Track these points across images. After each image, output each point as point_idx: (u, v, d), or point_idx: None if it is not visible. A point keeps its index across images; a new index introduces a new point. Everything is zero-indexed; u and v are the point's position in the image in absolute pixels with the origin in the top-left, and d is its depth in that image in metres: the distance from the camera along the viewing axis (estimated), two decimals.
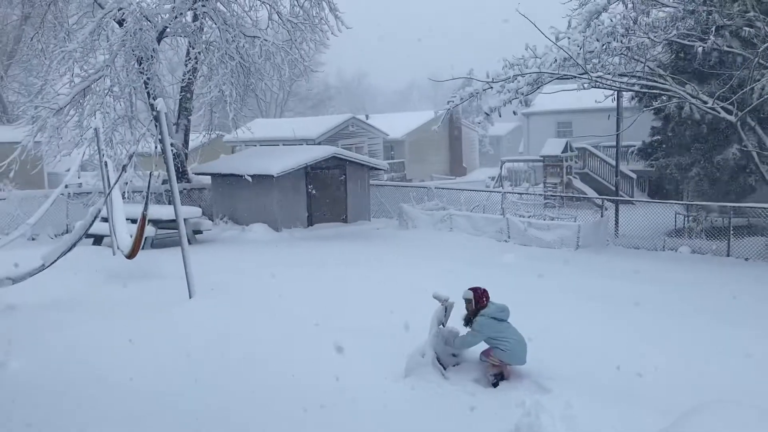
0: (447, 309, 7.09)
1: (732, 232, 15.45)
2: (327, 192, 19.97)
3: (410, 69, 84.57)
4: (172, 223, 15.04)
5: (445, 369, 6.86)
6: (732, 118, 14.94)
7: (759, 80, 15.00)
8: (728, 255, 15.20)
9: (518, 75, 14.49)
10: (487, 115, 15.51)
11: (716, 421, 3.98)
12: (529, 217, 18.14)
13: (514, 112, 15.32)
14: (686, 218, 18.40)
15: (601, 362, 7.23)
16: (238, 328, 8.40)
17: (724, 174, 17.47)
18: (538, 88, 15.09)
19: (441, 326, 7.07)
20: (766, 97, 14.61)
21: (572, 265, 13.77)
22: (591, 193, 24.21)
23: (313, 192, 19.56)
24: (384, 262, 13.35)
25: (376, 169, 21.56)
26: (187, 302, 9.41)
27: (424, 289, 7.56)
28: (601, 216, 17.79)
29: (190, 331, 8.21)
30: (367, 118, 36.29)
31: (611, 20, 14.03)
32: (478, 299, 6.80)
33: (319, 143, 29.24)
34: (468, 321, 6.88)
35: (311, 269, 12.52)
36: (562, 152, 24.86)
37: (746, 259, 14.85)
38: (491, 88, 15.54)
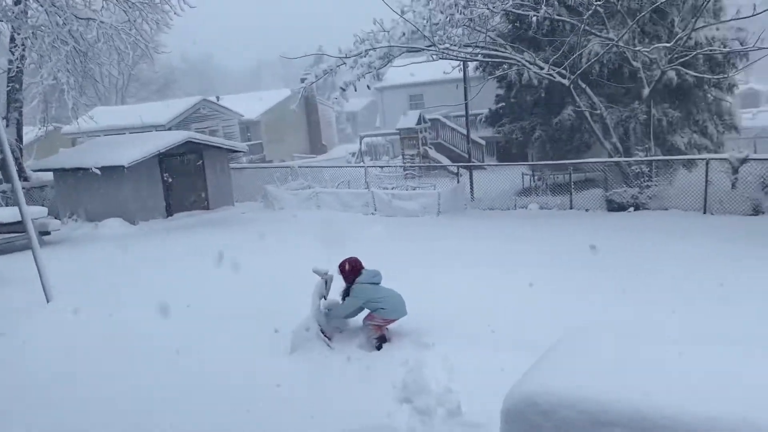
0: (327, 282, 7.20)
1: (573, 186, 17.04)
2: (185, 179, 19.16)
3: (258, 48, 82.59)
4: (14, 226, 13.78)
5: (330, 340, 6.99)
6: (566, 81, 16.37)
7: (586, 45, 16.57)
8: (571, 208, 16.76)
9: (369, 49, 14.75)
10: (343, 90, 15.67)
11: (582, 344, 4.42)
12: (392, 188, 18.68)
13: (369, 87, 15.63)
14: (533, 178, 19.97)
15: (472, 313, 7.75)
16: (103, 325, 7.94)
17: (563, 134, 19.13)
18: (390, 61, 15.49)
19: (323, 299, 7.19)
20: (593, 60, 16.19)
21: (435, 229, 14.49)
22: (446, 161, 25.41)
23: (170, 180, 18.68)
24: (255, 245, 13.15)
25: (235, 151, 21.00)
26: (44, 306, 8.76)
27: (302, 267, 7.60)
28: (458, 182, 18.78)
29: (51, 335, 7.64)
30: (218, 100, 35.06)
31: None
32: (351, 271, 7.00)
33: (170, 129, 27.85)
34: (346, 292, 7.08)
35: (176, 259, 12.04)
36: (417, 124, 25.77)
37: (587, 210, 16.47)
38: (344, 63, 15.71)
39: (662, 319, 7.31)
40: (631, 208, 15.63)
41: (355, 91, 15.78)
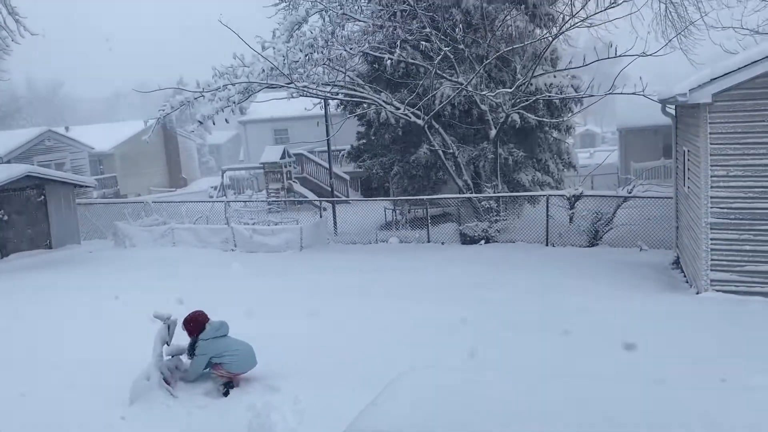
0: (170, 327, 6.90)
1: (430, 221, 17.78)
2: (24, 216, 17.59)
3: (114, 77, 78.52)
4: None
5: (173, 388, 6.67)
6: (420, 122, 17.19)
7: (438, 88, 17.56)
8: (429, 241, 17.45)
9: (228, 84, 14.59)
10: (200, 123, 15.30)
11: (420, 383, 4.56)
12: (253, 224, 18.40)
13: (227, 121, 15.39)
14: (394, 212, 20.61)
15: (326, 351, 7.77)
16: None
17: (420, 171, 19.97)
18: (249, 96, 15.41)
19: (166, 345, 6.86)
20: (445, 102, 17.16)
21: (297, 265, 14.43)
22: (311, 195, 25.51)
23: (5, 218, 17.06)
24: (97, 286, 12.29)
25: (83, 186, 19.65)
26: None
27: (145, 310, 7.22)
28: (321, 217, 18.90)
29: None
30: (67, 131, 32.72)
31: (311, 32, 15.02)
32: (194, 326, 6.80)
33: (8, 161, 25.48)
34: (191, 347, 6.86)
35: (15, 305, 10.93)
36: (281, 158, 25.71)
37: (443, 243, 17.22)
38: (203, 96, 15.39)
39: (497, 355, 7.75)
40: (483, 241, 16.57)
41: (214, 125, 15.45)
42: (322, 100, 18.63)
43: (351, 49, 15.43)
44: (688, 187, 11.12)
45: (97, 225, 19.97)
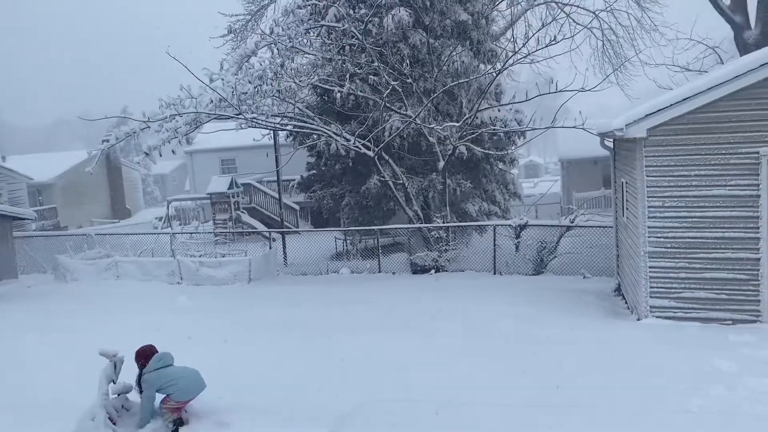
0: (116, 365, 6.70)
1: (381, 251, 17.87)
2: None
3: (56, 105, 76.31)
4: None
5: (118, 427, 6.44)
6: (370, 153, 17.39)
7: (388, 120, 17.84)
8: (380, 271, 17.50)
9: (175, 114, 14.45)
10: (147, 154, 15.04)
11: (373, 417, 4.57)
12: (200, 256, 18.07)
13: (173, 152, 15.20)
14: (344, 242, 20.61)
15: (274, 385, 7.66)
16: None
17: (370, 201, 20.12)
18: (197, 127, 15.29)
19: (112, 383, 6.65)
20: (394, 134, 17.43)
21: (244, 298, 14.23)
22: (260, 226, 25.27)
23: None
24: (36, 323, 11.78)
25: (20, 218, 18.92)
26: None
27: (89, 347, 6.99)
28: (270, 248, 18.74)
29: None
30: (4, 161, 31.54)
31: (260, 64, 15.09)
32: (143, 360, 6.69)
33: None
34: (138, 380, 6.72)
35: None
36: (228, 188, 25.44)
37: (393, 273, 17.31)
38: (149, 127, 15.17)
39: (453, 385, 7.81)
40: (433, 271, 16.74)
41: (160, 156, 15.20)
42: (271, 131, 18.65)
43: (300, 81, 15.57)
44: (627, 217, 11.60)
45: (36, 258, 19.20)
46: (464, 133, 17.32)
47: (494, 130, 18.43)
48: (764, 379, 7.18)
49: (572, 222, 16.03)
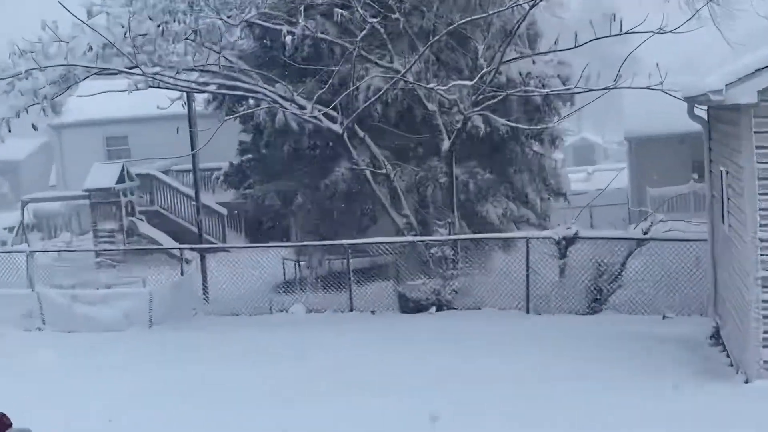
0: None
1: (353, 278, 17.80)
2: None
3: None
4: None
5: None
6: (337, 127, 17.35)
7: (363, 78, 17.81)
8: (351, 309, 17.44)
9: (35, 69, 14.32)
10: None
11: None
12: (73, 286, 17.93)
13: (34, 126, 15.11)
14: (297, 265, 20.51)
15: None
16: None
17: (337, 202, 20.08)
18: (69, 87, 15.17)
19: None
20: (373, 99, 17.41)
21: (142, 354, 14.14)
22: (166, 240, 25.09)
23: None
24: None
25: None
26: None
27: None
28: (183, 274, 18.61)
29: None
30: None
31: None
32: None
33: None
34: None
35: None
36: (118, 183, 25.24)
37: (373, 312, 17.25)
38: None
39: None
40: (433, 308, 16.73)
41: (9, 131, 15.08)
42: (184, 94, 18.52)
43: (230, 16, 15.51)
44: (730, 226, 11.65)
45: None
46: (481, 96, 17.36)
47: (527, 92, 18.46)
48: None
49: (646, 233, 16.11)
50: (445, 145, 18.06)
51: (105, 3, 15.03)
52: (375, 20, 16.14)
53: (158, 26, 14.42)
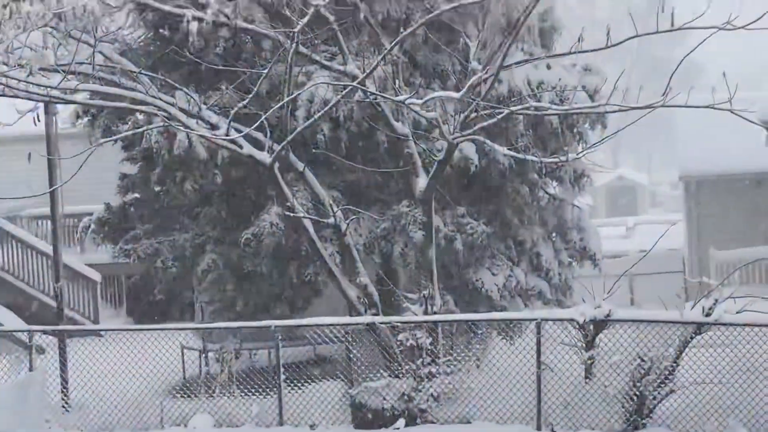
0: None
1: (284, 375, 17.73)
2: None
3: None
4: None
5: None
6: (265, 156, 17.39)
7: (304, 84, 17.92)
8: (281, 423, 17.36)
9: None
10: None
11: None
12: None
13: None
14: (204, 355, 20.37)
15: None
16: None
17: (263, 263, 20.05)
18: None
19: None
20: (317, 117, 17.51)
21: None
22: (8, 318, 24.86)
23: None
24: None
25: None
26: None
27: None
28: (31, 369, 18.43)
29: None
30: None
31: None
32: None
33: None
34: None
35: None
36: None
37: (312, 428, 17.20)
38: None
39: None
40: (401, 421, 16.70)
41: None
42: (41, 105, 18.48)
43: None
44: None
45: None
46: (473, 114, 17.51)
47: (538, 109, 18.66)
48: None
49: (709, 315, 16.25)
50: (421, 183, 18.14)
51: None
52: (321, 3, 16.31)
53: (4, 6, 14.40)
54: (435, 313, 17.55)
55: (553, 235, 22.19)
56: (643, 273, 26.95)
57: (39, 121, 18.48)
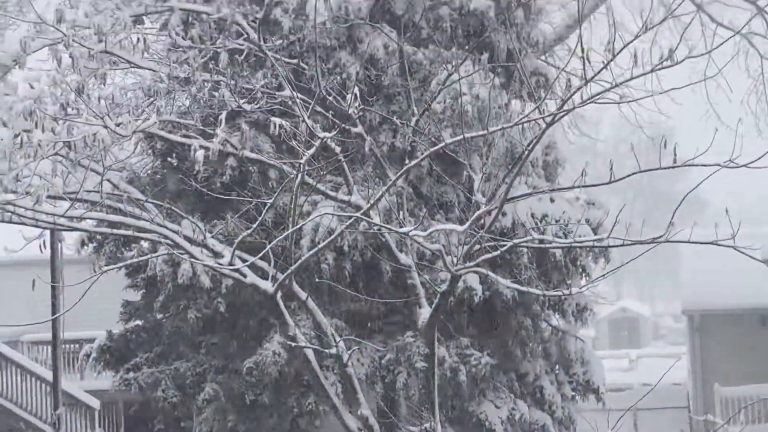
0: None
1: None
2: None
3: None
4: None
5: None
6: (268, 285, 17.41)
7: (309, 213, 18.03)
8: None
9: None
10: None
11: None
12: None
13: None
14: None
15: None
16: None
17: (264, 392, 19.95)
18: None
19: None
20: (321, 246, 17.56)
21: None
22: None
23: None
24: None
25: None
26: None
27: None
28: None
29: None
30: None
31: (32, 86, 15.25)
32: None
33: None
34: None
35: None
36: None
37: None
38: None
39: None
40: None
41: None
42: (47, 232, 18.57)
43: (119, 124, 15.75)
44: None
45: None
46: (477, 247, 17.57)
47: (542, 242, 18.78)
48: None
49: None
50: (425, 314, 18.11)
51: None
52: (328, 135, 16.51)
53: (15, 136, 14.59)
54: None
55: (557, 367, 22.11)
56: (648, 408, 26.75)
57: (45, 248, 18.61)
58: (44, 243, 18.35)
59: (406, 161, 17.76)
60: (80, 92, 15.28)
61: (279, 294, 17.48)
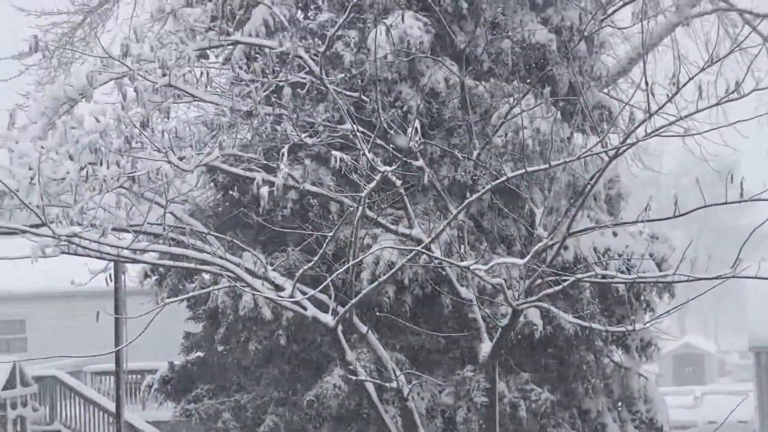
0: None
1: None
2: None
3: None
4: None
5: None
6: (329, 318, 17.42)
7: (370, 247, 18.02)
8: None
9: None
10: None
11: None
12: None
13: None
14: None
15: None
16: None
17: (324, 425, 19.95)
18: None
19: None
20: (381, 280, 17.56)
21: None
22: None
23: None
24: None
25: None
26: None
27: None
28: None
29: None
30: None
31: (98, 120, 15.41)
32: None
33: None
34: None
35: None
36: (5, 388, 25.17)
37: None
38: None
39: None
40: None
41: None
42: (111, 264, 18.70)
43: (182, 158, 15.83)
44: None
45: None
46: (539, 281, 17.50)
47: (605, 277, 18.62)
48: None
49: None
50: (485, 348, 18.06)
51: (5, 135, 15.45)
52: (389, 169, 16.51)
53: (81, 169, 14.75)
54: None
55: (619, 404, 21.89)
56: None
57: (111, 281, 18.78)
58: (110, 276, 18.57)
59: (467, 195, 17.80)
60: (144, 126, 15.47)
61: (339, 327, 17.51)
